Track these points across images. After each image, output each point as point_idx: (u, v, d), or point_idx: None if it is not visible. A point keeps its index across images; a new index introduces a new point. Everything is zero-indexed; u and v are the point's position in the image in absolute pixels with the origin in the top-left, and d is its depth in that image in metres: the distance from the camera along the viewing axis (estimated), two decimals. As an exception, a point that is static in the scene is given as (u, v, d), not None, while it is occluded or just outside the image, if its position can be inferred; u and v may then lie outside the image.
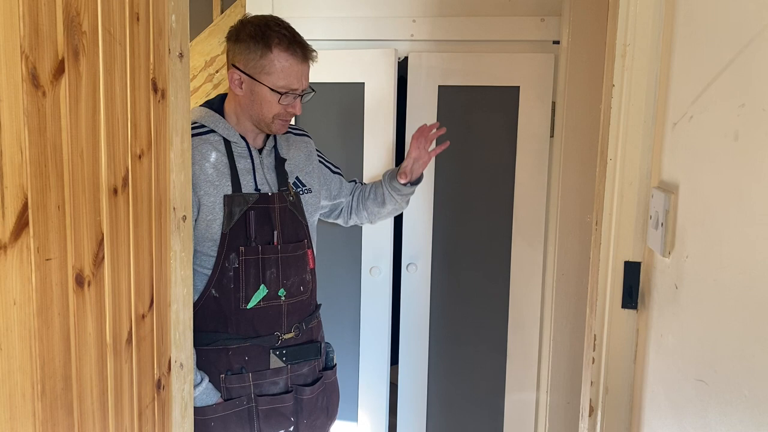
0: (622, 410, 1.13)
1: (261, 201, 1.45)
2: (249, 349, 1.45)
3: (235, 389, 1.45)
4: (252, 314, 1.44)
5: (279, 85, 1.43)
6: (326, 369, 1.63)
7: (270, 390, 1.48)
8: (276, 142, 1.57)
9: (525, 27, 2.15)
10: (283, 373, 1.49)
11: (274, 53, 1.41)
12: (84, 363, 0.76)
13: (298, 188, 1.58)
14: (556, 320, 2.21)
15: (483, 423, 2.37)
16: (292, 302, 1.50)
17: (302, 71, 1.46)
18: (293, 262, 1.49)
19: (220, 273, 1.42)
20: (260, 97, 1.45)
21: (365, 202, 1.84)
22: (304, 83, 1.47)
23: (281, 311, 1.48)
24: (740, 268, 0.70)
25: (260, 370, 1.46)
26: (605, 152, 1.13)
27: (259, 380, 1.46)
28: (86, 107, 0.74)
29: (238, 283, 1.42)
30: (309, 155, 1.67)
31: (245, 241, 1.43)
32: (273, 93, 1.43)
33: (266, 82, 1.43)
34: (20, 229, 0.61)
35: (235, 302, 1.43)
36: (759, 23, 0.67)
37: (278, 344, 1.48)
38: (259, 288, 1.44)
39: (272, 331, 1.47)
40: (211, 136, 1.46)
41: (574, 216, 2.14)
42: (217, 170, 1.43)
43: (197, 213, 1.40)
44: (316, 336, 1.59)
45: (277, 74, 1.42)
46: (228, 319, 1.44)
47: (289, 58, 1.42)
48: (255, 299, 1.44)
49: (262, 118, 1.47)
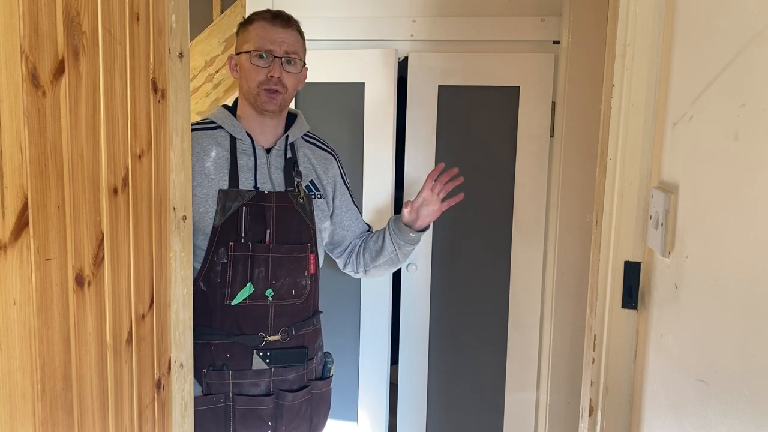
0: (622, 410, 1.13)
1: (257, 198, 1.45)
2: (231, 346, 1.44)
3: (215, 385, 1.44)
4: (237, 311, 1.44)
5: (254, 47, 1.45)
6: (320, 379, 1.58)
7: (249, 391, 1.46)
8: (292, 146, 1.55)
9: (525, 27, 2.15)
10: (265, 376, 1.47)
11: (253, 24, 1.48)
12: (84, 363, 0.76)
13: (311, 192, 1.55)
14: (556, 320, 2.21)
15: (483, 423, 2.37)
16: (280, 304, 1.47)
17: (278, 35, 1.46)
18: (286, 263, 1.47)
19: (208, 267, 1.42)
20: (244, 69, 1.48)
21: (365, 245, 1.69)
22: (283, 48, 1.46)
23: (267, 312, 1.46)
24: (740, 268, 0.70)
25: (241, 369, 1.45)
26: (605, 152, 1.13)
27: (239, 379, 1.45)
28: (86, 107, 0.74)
29: (224, 279, 1.42)
30: (326, 172, 1.60)
31: (235, 237, 1.42)
32: (251, 56, 1.45)
33: (245, 50, 1.47)
34: (20, 229, 0.61)
35: (220, 297, 1.43)
36: (759, 23, 0.67)
37: (262, 345, 1.46)
38: (245, 285, 1.43)
39: (257, 331, 1.46)
40: (216, 132, 1.48)
41: (574, 216, 2.14)
42: (216, 164, 1.45)
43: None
44: (309, 343, 1.54)
45: (253, 39, 1.46)
46: (213, 314, 1.44)
47: (263, 23, 1.47)
48: (240, 296, 1.43)
49: (249, 90, 1.47)
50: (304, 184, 1.54)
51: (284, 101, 1.49)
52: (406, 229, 1.61)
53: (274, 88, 1.46)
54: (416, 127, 2.24)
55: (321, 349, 1.63)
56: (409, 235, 1.61)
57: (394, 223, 1.64)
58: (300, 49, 1.52)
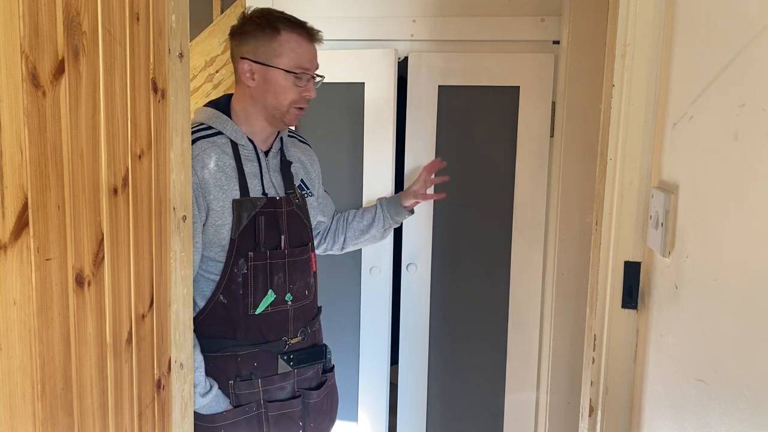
0: (622, 410, 1.13)
1: (269, 205, 1.42)
2: (258, 355, 1.44)
3: (245, 395, 1.43)
4: (260, 320, 1.43)
5: (292, 66, 1.40)
6: (326, 371, 1.61)
7: (278, 395, 1.47)
8: (282, 145, 1.54)
9: (525, 27, 2.15)
10: (290, 378, 1.48)
11: (283, 35, 1.40)
12: (84, 363, 0.76)
13: (303, 191, 1.55)
14: (556, 320, 2.21)
15: (483, 423, 2.37)
16: (298, 306, 1.48)
17: (311, 51, 1.44)
18: (299, 266, 1.48)
19: (228, 279, 1.39)
20: (274, 84, 1.41)
21: (347, 225, 1.80)
22: (315, 63, 1.45)
23: (288, 316, 1.47)
24: (740, 268, 0.70)
25: (268, 376, 1.45)
26: (605, 152, 1.13)
27: (267, 386, 1.45)
28: (86, 107, 0.74)
29: (246, 289, 1.40)
30: (312, 163, 1.65)
31: (254, 246, 1.40)
32: (287, 75, 1.40)
33: (279, 65, 1.40)
34: (20, 229, 0.61)
35: (243, 308, 1.41)
36: (759, 23, 0.67)
37: (286, 349, 1.47)
38: (267, 293, 1.42)
39: (280, 336, 1.46)
40: (218, 138, 1.41)
41: (574, 216, 2.14)
42: (225, 174, 1.39)
43: (206, 218, 1.37)
44: (319, 339, 1.58)
45: (288, 55, 1.39)
46: (236, 325, 1.42)
47: (297, 37, 1.41)
48: (263, 305, 1.42)
49: (277, 106, 1.42)
50: (296, 183, 1.54)
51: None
52: (403, 212, 1.81)
53: (305, 105, 1.46)
54: (416, 127, 2.24)
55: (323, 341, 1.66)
56: (402, 216, 1.82)
57: (390, 205, 1.80)
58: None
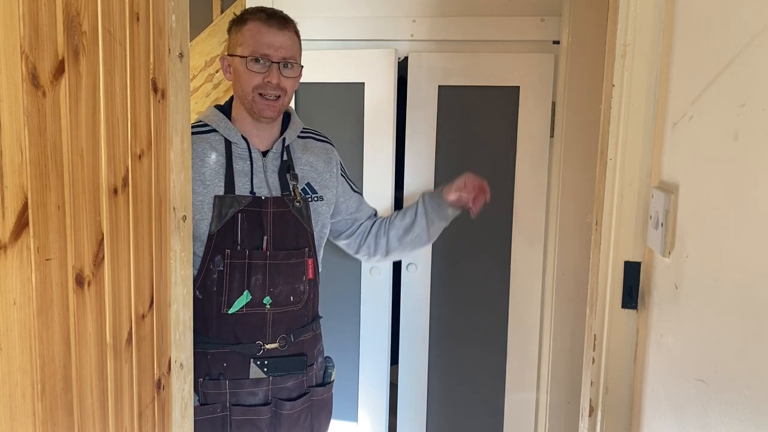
0: (622, 410, 1.13)
1: (253, 204, 1.41)
2: (228, 355, 1.42)
3: (211, 395, 1.41)
4: (234, 320, 1.41)
5: (249, 51, 1.39)
6: (320, 385, 1.56)
7: (247, 400, 1.43)
8: (285, 147, 1.51)
9: (525, 27, 2.15)
10: (263, 385, 1.44)
11: (247, 24, 1.41)
12: (84, 363, 0.76)
13: (307, 195, 1.52)
14: (556, 320, 2.21)
15: (483, 423, 2.37)
16: (278, 312, 1.44)
17: (275, 38, 1.40)
18: (284, 270, 1.44)
19: (204, 275, 1.39)
20: (238, 72, 1.42)
21: (390, 225, 1.70)
22: (280, 53, 1.40)
23: (265, 320, 1.43)
24: (740, 268, 0.70)
25: (238, 379, 1.42)
26: (605, 152, 1.13)
27: (236, 389, 1.42)
28: (86, 107, 0.74)
29: (221, 287, 1.39)
30: (329, 162, 1.59)
31: (232, 244, 1.39)
32: (245, 60, 1.40)
33: (239, 53, 1.41)
34: (20, 229, 0.61)
35: (217, 306, 1.40)
36: (759, 23, 0.67)
37: (260, 354, 1.43)
38: (242, 294, 1.40)
39: (254, 339, 1.43)
40: (211, 135, 1.43)
41: (574, 216, 2.14)
42: (212, 170, 1.40)
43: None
44: (308, 350, 1.52)
45: (248, 42, 1.40)
46: (209, 323, 1.41)
47: (257, 24, 1.40)
48: (237, 305, 1.40)
49: (243, 95, 1.42)
50: (300, 186, 1.50)
51: (282, 106, 1.46)
52: (444, 204, 1.63)
53: (274, 93, 1.42)
54: (416, 127, 2.24)
55: (321, 354, 1.60)
56: (446, 210, 1.64)
57: (431, 197, 1.65)
58: (297, 53, 1.46)
